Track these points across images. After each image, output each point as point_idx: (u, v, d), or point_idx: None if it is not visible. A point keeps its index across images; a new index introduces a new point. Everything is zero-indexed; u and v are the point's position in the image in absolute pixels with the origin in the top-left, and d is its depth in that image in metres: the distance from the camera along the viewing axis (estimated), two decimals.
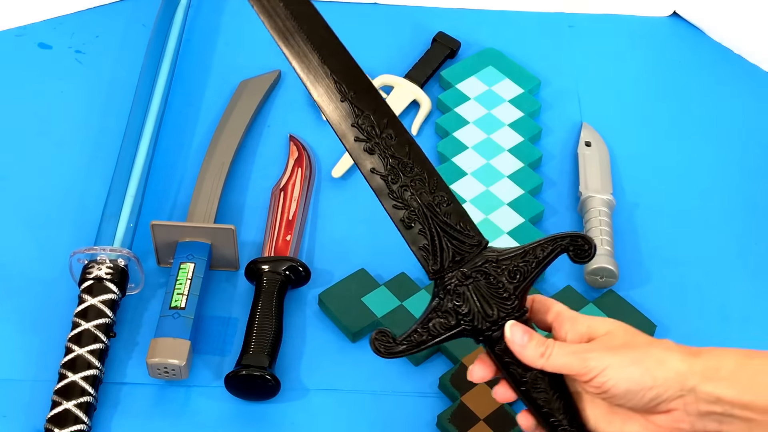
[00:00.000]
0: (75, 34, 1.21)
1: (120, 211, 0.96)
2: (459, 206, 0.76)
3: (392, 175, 0.76)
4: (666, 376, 0.69)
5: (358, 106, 0.76)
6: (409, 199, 0.75)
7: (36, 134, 1.10)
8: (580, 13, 1.26)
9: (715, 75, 1.20)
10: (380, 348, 0.74)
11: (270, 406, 0.89)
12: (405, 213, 0.75)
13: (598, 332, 0.73)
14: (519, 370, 0.74)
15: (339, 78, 0.76)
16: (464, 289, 0.74)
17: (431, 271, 0.75)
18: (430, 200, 0.76)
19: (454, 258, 0.75)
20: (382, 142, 0.76)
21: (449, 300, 0.74)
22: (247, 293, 0.96)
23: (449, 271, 0.75)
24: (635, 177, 1.08)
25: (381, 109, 0.76)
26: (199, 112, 1.13)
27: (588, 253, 0.74)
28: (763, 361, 0.70)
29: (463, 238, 0.75)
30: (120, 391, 0.89)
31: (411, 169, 0.76)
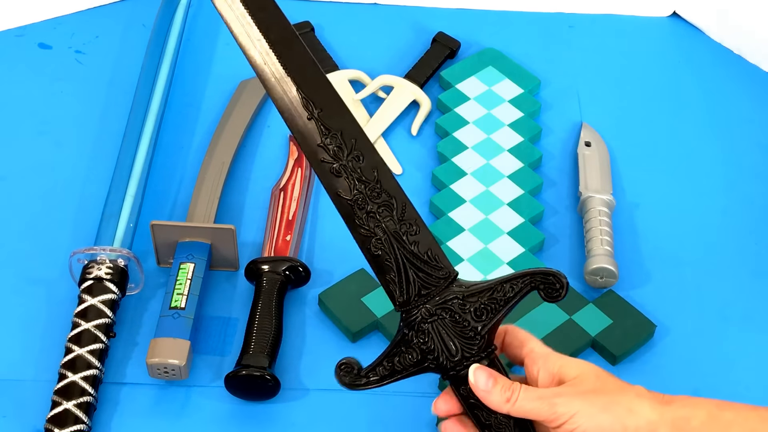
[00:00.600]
0: (75, 34, 1.21)
1: (120, 211, 0.96)
2: (428, 235, 0.73)
3: (359, 200, 0.72)
4: (636, 424, 0.67)
5: (325, 125, 0.72)
6: (374, 227, 0.72)
7: (36, 134, 1.10)
8: (580, 13, 1.26)
9: (715, 75, 1.20)
10: (344, 379, 0.73)
11: (270, 406, 0.89)
12: (372, 241, 0.73)
13: (569, 374, 0.70)
14: (483, 413, 0.71)
15: (306, 93, 0.72)
16: (429, 326, 0.72)
17: (397, 303, 0.72)
18: (397, 228, 0.72)
19: (420, 291, 0.72)
20: (349, 164, 0.72)
21: (414, 335, 0.72)
22: (247, 293, 0.96)
23: (415, 305, 0.72)
24: (635, 177, 1.08)
25: (350, 129, 0.72)
26: (199, 112, 1.13)
27: (559, 293, 0.70)
28: (735, 414, 0.68)
29: (431, 269, 0.72)
30: (120, 391, 0.89)
31: (378, 194, 0.72)
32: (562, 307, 0.94)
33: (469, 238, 0.99)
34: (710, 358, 0.93)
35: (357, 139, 0.73)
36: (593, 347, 0.93)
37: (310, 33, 1.20)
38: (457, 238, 0.99)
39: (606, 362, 0.92)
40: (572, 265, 1.00)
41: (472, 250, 0.98)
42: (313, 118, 0.72)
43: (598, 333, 0.92)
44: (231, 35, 0.78)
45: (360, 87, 1.15)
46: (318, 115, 0.72)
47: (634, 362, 0.92)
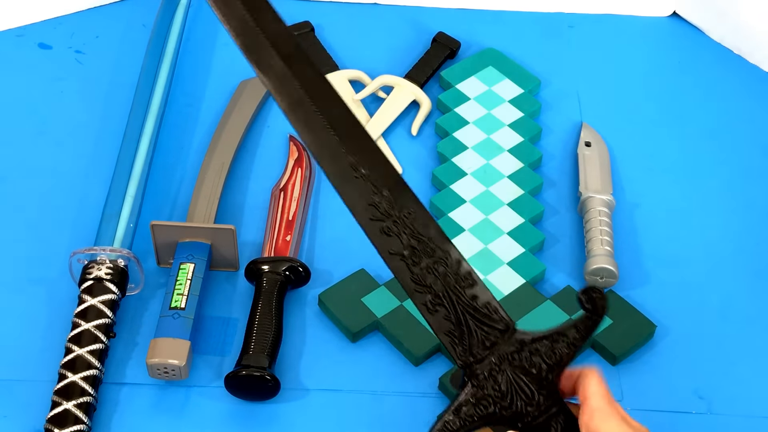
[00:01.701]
0: (75, 34, 1.21)
1: (120, 211, 0.96)
2: (485, 288, 0.72)
3: (413, 256, 0.72)
4: None
5: (374, 184, 0.73)
6: (432, 283, 0.72)
7: (36, 134, 1.10)
8: (580, 13, 1.26)
9: (715, 75, 1.20)
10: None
11: (270, 407, 0.89)
12: (429, 297, 0.72)
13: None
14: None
15: (356, 157, 0.72)
16: (499, 375, 0.71)
17: (460, 359, 0.71)
18: (454, 282, 0.72)
19: (484, 343, 0.71)
20: (400, 221, 0.72)
21: (485, 387, 0.71)
22: (247, 293, 0.96)
23: (480, 357, 0.71)
24: (635, 177, 1.08)
25: (398, 186, 0.73)
26: (199, 112, 1.13)
27: (603, 303, 0.70)
28: None
29: (491, 321, 0.71)
30: (120, 391, 0.89)
31: (433, 250, 0.72)
32: (562, 307, 0.94)
33: (469, 238, 0.99)
34: (710, 358, 0.93)
35: (405, 196, 0.73)
36: (593, 347, 0.93)
37: (310, 33, 1.20)
38: (457, 238, 0.99)
39: (606, 362, 0.92)
40: (572, 265, 1.00)
41: (472, 250, 0.98)
42: (360, 178, 0.73)
43: (598, 333, 0.92)
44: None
45: (360, 87, 1.15)
46: (365, 174, 0.73)
47: (634, 362, 0.92)
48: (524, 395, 0.70)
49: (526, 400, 0.70)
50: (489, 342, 0.71)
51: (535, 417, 0.70)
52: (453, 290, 0.72)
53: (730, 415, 0.89)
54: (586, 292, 0.70)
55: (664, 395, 0.90)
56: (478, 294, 0.72)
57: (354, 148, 0.73)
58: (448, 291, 0.72)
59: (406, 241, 0.72)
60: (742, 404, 0.90)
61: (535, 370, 0.70)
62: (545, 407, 0.70)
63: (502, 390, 0.70)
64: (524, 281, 0.96)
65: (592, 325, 0.71)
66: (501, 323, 0.72)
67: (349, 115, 0.74)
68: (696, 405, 0.89)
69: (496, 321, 0.72)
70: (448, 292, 0.72)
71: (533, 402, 0.70)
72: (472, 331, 0.71)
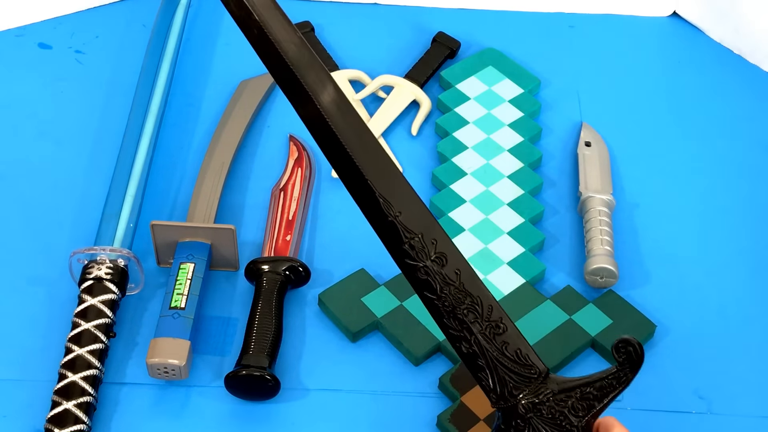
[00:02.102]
0: (75, 34, 1.21)
1: (120, 211, 0.96)
2: (516, 333, 0.72)
3: (446, 302, 0.72)
4: None
5: (407, 227, 0.73)
6: (463, 329, 0.72)
7: (36, 134, 1.10)
8: (581, 13, 1.26)
9: (715, 75, 1.20)
10: None
11: (270, 406, 0.89)
12: (462, 342, 0.72)
13: None
14: None
15: (386, 197, 0.73)
16: (528, 421, 0.71)
17: (493, 404, 0.72)
18: (484, 330, 0.72)
19: (513, 391, 0.72)
20: (433, 266, 0.72)
21: (518, 429, 0.72)
22: (247, 293, 0.96)
23: (511, 401, 0.72)
24: (635, 177, 1.08)
25: (431, 229, 0.73)
26: (199, 112, 1.13)
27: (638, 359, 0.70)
28: None
29: (522, 369, 0.72)
30: (120, 391, 0.89)
31: (464, 297, 0.72)
32: (562, 307, 0.94)
33: (469, 238, 0.99)
34: (710, 358, 0.93)
35: (438, 240, 0.73)
36: (593, 347, 0.93)
37: (310, 33, 1.20)
38: (457, 238, 0.99)
39: (606, 362, 0.92)
40: (572, 265, 1.00)
41: (472, 250, 0.98)
42: (394, 220, 0.73)
43: (598, 333, 0.92)
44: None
45: (360, 87, 1.15)
46: (398, 218, 0.73)
47: None
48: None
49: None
50: (518, 390, 0.72)
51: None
52: (486, 337, 0.72)
53: (730, 414, 0.89)
54: (624, 342, 0.70)
55: (664, 395, 0.90)
56: (508, 341, 0.72)
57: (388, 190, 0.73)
58: (478, 338, 0.72)
59: (440, 284, 0.72)
60: (742, 404, 0.90)
61: (564, 421, 0.71)
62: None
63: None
64: (524, 281, 0.96)
65: (624, 379, 0.71)
66: (532, 370, 0.72)
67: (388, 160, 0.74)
68: (696, 405, 0.89)
69: (527, 368, 0.72)
70: (478, 339, 0.72)
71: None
72: (502, 379, 0.72)
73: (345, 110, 0.73)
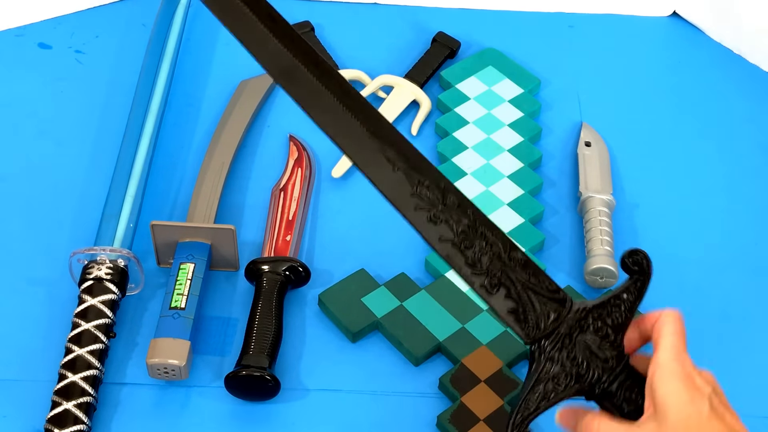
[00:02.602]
0: (75, 33, 1.21)
1: (120, 211, 0.96)
2: (535, 264, 0.73)
3: (465, 241, 0.72)
4: None
5: (412, 175, 0.73)
6: (487, 264, 0.72)
7: (36, 134, 1.10)
8: (580, 13, 1.26)
9: (715, 75, 1.20)
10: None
11: (270, 407, 0.89)
12: (486, 279, 0.72)
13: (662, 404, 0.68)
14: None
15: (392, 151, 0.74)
16: (572, 345, 0.71)
17: (528, 336, 0.71)
18: (508, 260, 0.72)
19: (548, 316, 0.71)
20: (446, 209, 0.73)
21: (559, 360, 0.71)
22: (247, 293, 0.96)
23: (548, 331, 0.71)
24: (635, 177, 1.08)
25: (436, 175, 0.73)
26: (199, 112, 1.13)
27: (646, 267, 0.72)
28: None
29: (551, 294, 0.72)
30: (120, 391, 0.89)
31: (482, 233, 0.72)
32: None
33: None
34: (711, 358, 0.93)
35: (445, 184, 0.73)
36: None
37: (310, 33, 1.20)
38: None
39: None
40: (572, 265, 1.00)
41: None
42: (400, 170, 0.73)
43: None
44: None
45: (360, 87, 1.15)
46: (404, 168, 0.73)
47: None
48: (598, 360, 0.71)
49: (600, 365, 0.71)
50: (553, 315, 0.71)
51: (610, 382, 0.71)
52: (510, 269, 0.72)
53: None
54: (632, 254, 0.72)
55: None
56: (533, 271, 0.72)
57: (388, 142, 0.74)
58: (505, 270, 0.72)
59: (455, 226, 0.72)
60: (743, 404, 0.90)
61: (603, 334, 0.71)
62: (617, 371, 0.71)
63: (578, 359, 0.71)
64: None
65: (642, 285, 0.72)
66: (560, 294, 0.72)
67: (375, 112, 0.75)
68: None
69: (555, 293, 0.72)
70: (505, 271, 0.72)
71: (607, 366, 0.71)
72: (535, 307, 0.72)
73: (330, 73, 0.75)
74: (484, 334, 0.92)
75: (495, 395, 0.87)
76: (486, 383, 0.88)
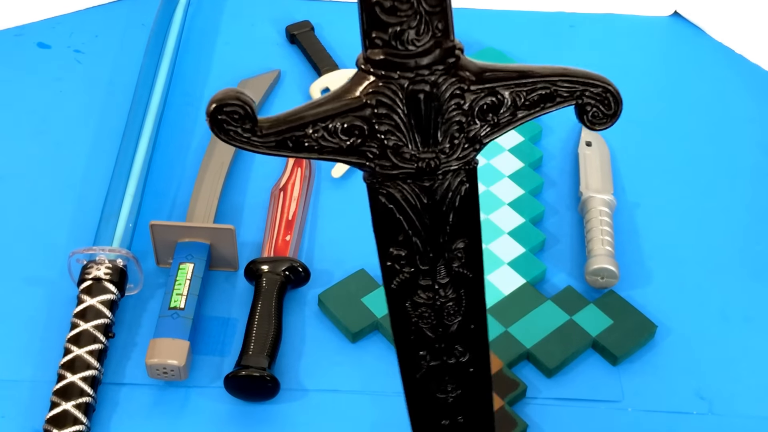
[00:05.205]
0: (74, 33, 1.20)
1: (119, 211, 0.96)
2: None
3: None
4: None
5: None
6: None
7: (35, 134, 1.10)
8: (581, 12, 1.26)
9: (716, 74, 1.20)
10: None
11: (269, 407, 0.89)
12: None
13: None
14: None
15: None
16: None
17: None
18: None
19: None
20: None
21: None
22: (246, 293, 0.96)
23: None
24: (636, 177, 1.08)
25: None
26: (198, 112, 1.13)
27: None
28: None
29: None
30: (119, 391, 0.89)
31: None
32: (563, 307, 0.94)
33: None
34: (711, 359, 0.93)
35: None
36: (594, 348, 0.93)
37: (310, 32, 1.20)
38: None
39: (607, 363, 0.92)
40: (573, 265, 0.99)
41: None
42: None
43: (599, 333, 0.92)
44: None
45: None
46: None
47: (634, 363, 0.92)
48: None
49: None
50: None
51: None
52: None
53: (731, 415, 0.89)
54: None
55: (665, 396, 0.90)
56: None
57: None
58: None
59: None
60: (743, 404, 0.90)
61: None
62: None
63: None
64: (525, 281, 0.96)
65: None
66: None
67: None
68: (697, 405, 0.89)
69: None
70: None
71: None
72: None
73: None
74: None
75: (495, 395, 0.87)
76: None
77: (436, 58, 0.55)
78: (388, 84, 0.55)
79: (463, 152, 0.58)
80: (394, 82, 0.55)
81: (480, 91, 0.57)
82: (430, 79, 0.55)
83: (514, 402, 0.88)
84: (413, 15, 0.54)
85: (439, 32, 0.56)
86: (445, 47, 0.55)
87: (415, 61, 0.55)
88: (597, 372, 0.91)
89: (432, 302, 0.63)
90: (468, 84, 0.56)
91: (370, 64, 0.55)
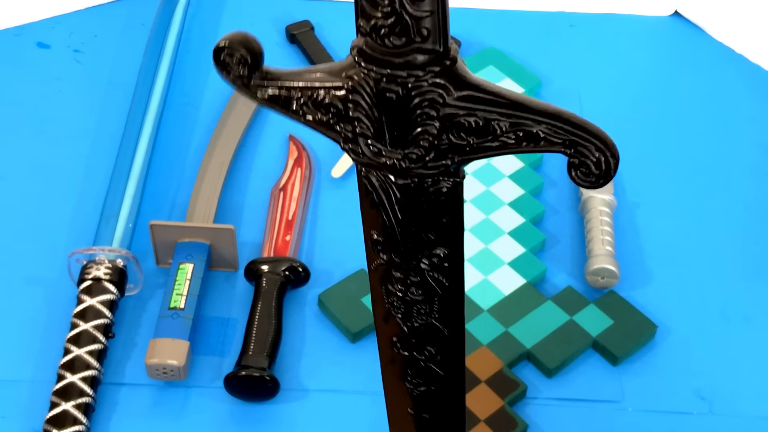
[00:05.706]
0: (73, 33, 1.20)
1: (119, 211, 0.96)
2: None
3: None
4: None
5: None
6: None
7: (34, 134, 1.10)
8: (581, 12, 1.26)
9: (716, 74, 1.19)
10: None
11: (269, 407, 0.88)
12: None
13: None
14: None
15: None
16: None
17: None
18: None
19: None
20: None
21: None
22: (246, 294, 0.96)
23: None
24: (636, 177, 1.08)
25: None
26: (198, 112, 1.13)
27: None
28: None
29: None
30: (119, 391, 0.89)
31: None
32: (563, 307, 0.94)
33: (469, 238, 0.99)
34: (712, 359, 0.93)
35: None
36: (594, 348, 0.93)
37: (310, 32, 1.20)
38: None
39: (607, 363, 0.92)
40: (573, 265, 0.99)
41: (473, 250, 0.98)
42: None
43: (599, 334, 0.92)
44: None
45: None
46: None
47: (635, 363, 0.92)
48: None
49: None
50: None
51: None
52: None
53: (731, 415, 0.89)
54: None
55: (665, 396, 0.89)
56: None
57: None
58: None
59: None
60: (744, 405, 0.90)
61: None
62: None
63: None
64: (525, 281, 0.96)
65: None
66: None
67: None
68: (697, 405, 0.89)
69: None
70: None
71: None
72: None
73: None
74: (484, 335, 0.92)
75: (495, 395, 0.87)
76: (486, 383, 0.88)
77: (416, 62, 0.53)
78: (364, 74, 0.56)
79: (433, 163, 0.56)
80: (368, 75, 0.55)
81: (458, 108, 0.54)
82: (405, 81, 0.54)
83: (514, 402, 0.88)
84: (391, 13, 0.52)
85: (421, 38, 0.52)
86: (430, 54, 0.53)
87: (392, 60, 0.54)
88: (597, 372, 0.91)
89: (403, 296, 0.62)
90: (447, 97, 0.54)
91: (356, 50, 0.55)
